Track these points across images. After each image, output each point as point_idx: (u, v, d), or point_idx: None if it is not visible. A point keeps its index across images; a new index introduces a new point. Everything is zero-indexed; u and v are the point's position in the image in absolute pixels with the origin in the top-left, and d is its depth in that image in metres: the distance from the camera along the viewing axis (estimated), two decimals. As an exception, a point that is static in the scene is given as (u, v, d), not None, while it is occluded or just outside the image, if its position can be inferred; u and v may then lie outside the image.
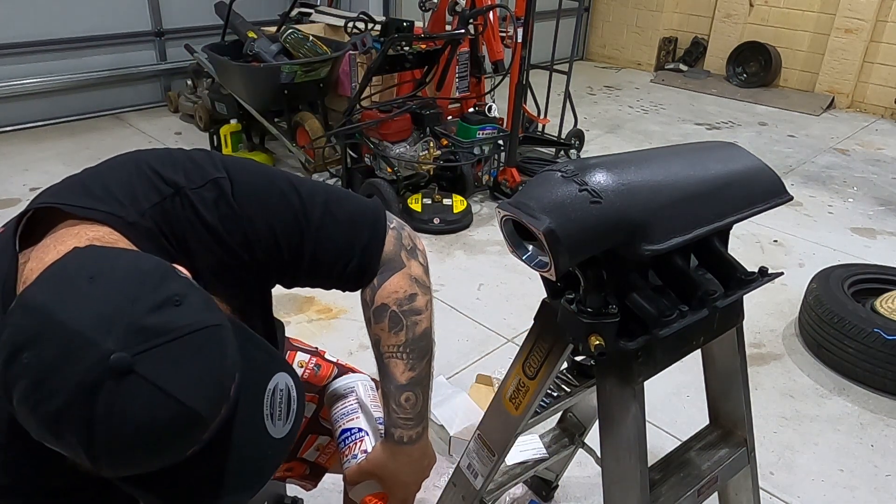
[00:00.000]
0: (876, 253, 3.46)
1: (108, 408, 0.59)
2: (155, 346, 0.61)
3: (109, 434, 0.60)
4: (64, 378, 0.59)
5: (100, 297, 0.63)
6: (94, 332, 0.60)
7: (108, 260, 0.68)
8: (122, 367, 0.59)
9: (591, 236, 0.89)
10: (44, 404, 0.60)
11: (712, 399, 1.34)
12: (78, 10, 4.52)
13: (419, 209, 3.42)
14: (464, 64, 3.94)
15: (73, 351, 0.60)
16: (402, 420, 1.02)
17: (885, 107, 6.01)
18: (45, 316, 0.62)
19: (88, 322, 0.61)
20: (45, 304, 0.62)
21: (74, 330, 0.60)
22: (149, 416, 0.61)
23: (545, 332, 1.12)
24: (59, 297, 0.63)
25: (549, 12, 4.64)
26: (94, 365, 0.59)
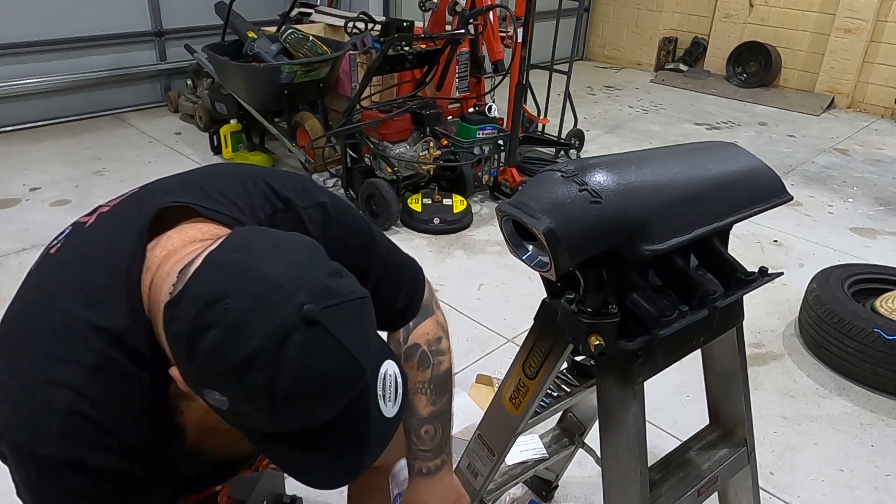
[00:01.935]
0: (876, 253, 3.46)
1: (295, 353, 0.67)
2: (334, 305, 0.69)
3: (292, 377, 0.67)
4: (262, 324, 0.66)
5: (288, 258, 0.72)
6: (290, 285, 0.68)
7: (280, 234, 0.77)
8: (311, 317, 0.67)
9: (591, 236, 0.89)
10: (238, 348, 0.66)
11: (712, 399, 1.34)
12: (78, 10, 4.52)
13: (419, 209, 3.42)
14: (464, 64, 3.94)
15: (271, 300, 0.67)
16: (422, 451, 1.10)
17: (885, 107, 6.01)
18: (242, 270, 0.70)
19: (284, 276, 0.69)
20: (239, 261, 0.70)
21: (274, 281, 0.68)
22: (326, 365, 0.68)
23: (545, 332, 1.12)
24: (252, 255, 0.71)
25: (549, 12, 4.64)
26: (290, 314, 0.67)
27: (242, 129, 4.07)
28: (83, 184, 3.76)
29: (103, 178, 3.85)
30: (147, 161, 4.12)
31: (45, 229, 3.23)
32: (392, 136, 3.48)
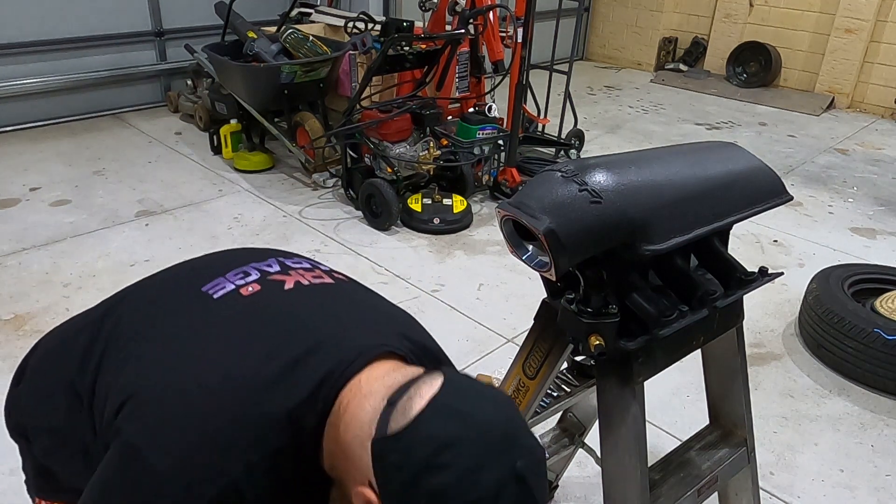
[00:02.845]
0: (876, 253, 3.46)
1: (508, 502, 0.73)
2: (533, 464, 0.76)
3: None
4: (489, 473, 0.73)
5: (498, 408, 0.79)
6: (508, 439, 0.76)
7: (479, 383, 0.82)
8: (522, 474, 0.74)
9: (591, 236, 0.89)
10: (468, 493, 0.72)
11: (712, 399, 1.34)
12: (78, 10, 4.52)
13: (419, 209, 3.42)
14: (464, 64, 3.94)
15: (497, 452, 0.74)
16: None
17: (885, 107, 6.01)
18: (469, 417, 0.76)
19: (504, 427, 0.77)
20: (464, 408, 0.76)
21: (497, 432, 0.75)
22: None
23: (545, 332, 1.12)
24: (472, 403, 0.77)
25: (549, 12, 4.64)
26: (510, 469, 0.74)
27: (242, 129, 4.07)
28: (83, 184, 3.76)
29: (103, 178, 3.85)
30: (147, 161, 4.12)
31: (45, 229, 3.23)
32: (392, 136, 3.48)
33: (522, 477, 0.74)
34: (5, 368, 2.25)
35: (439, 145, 3.55)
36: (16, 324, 2.51)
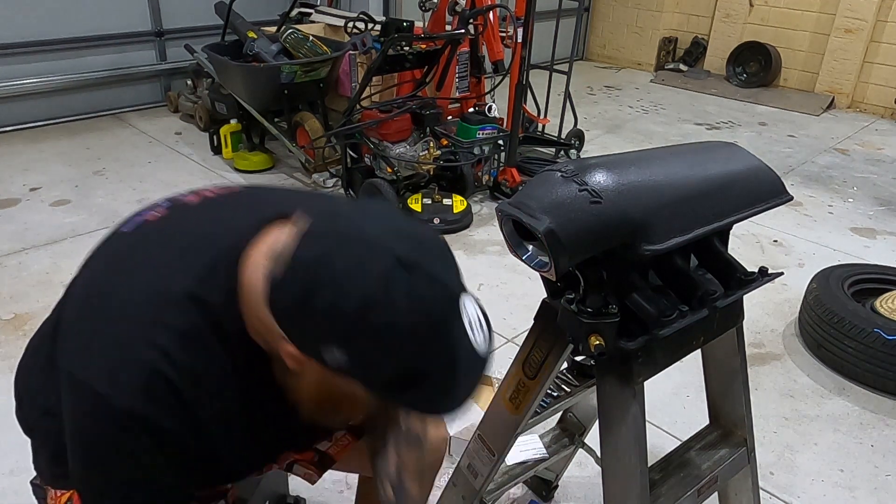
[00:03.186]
0: (876, 253, 3.46)
1: (403, 291, 0.72)
2: (419, 246, 0.76)
3: (406, 311, 0.72)
4: (368, 273, 0.73)
5: (372, 217, 0.79)
6: (379, 238, 0.76)
7: (361, 201, 0.87)
8: (408, 262, 0.73)
9: (591, 236, 0.89)
10: (352, 297, 0.72)
11: (712, 399, 1.34)
12: (78, 10, 4.52)
13: (419, 209, 3.42)
14: (464, 64, 3.94)
15: (372, 252, 0.74)
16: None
17: (885, 107, 6.01)
18: (339, 233, 0.76)
19: (376, 230, 0.77)
20: (333, 226, 0.78)
21: (371, 235, 0.76)
22: (432, 298, 0.75)
23: (545, 332, 1.12)
24: (345, 220, 0.78)
25: (549, 12, 4.64)
26: (390, 260, 0.73)
27: (242, 129, 4.07)
28: (83, 184, 3.76)
29: (103, 178, 3.85)
30: (147, 161, 4.12)
31: (45, 229, 3.23)
32: (392, 136, 3.48)
33: (410, 264, 0.73)
34: (5, 368, 2.25)
35: (439, 145, 3.55)
36: (16, 324, 2.51)
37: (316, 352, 0.76)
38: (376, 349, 0.73)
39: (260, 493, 1.49)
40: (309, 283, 0.73)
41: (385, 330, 0.72)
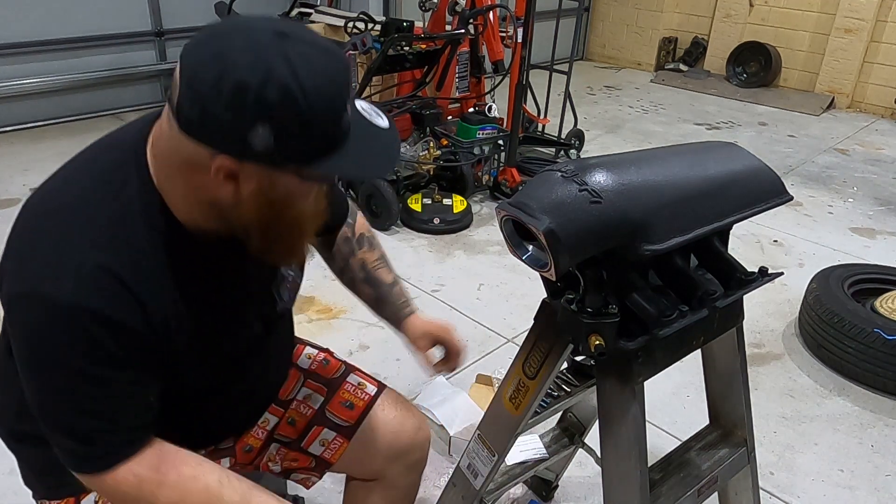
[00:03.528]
0: (876, 253, 3.46)
1: (295, 55, 0.78)
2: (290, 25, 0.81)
3: (304, 70, 0.77)
4: (255, 52, 0.77)
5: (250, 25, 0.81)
6: (260, 23, 0.81)
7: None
8: (285, 31, 0.79)
9: (591, 236, 0.89)
10: (253, 71, 0.76)
11: (712, 399, 1.34)
12: (78, 10, 4.52)
13: (419, 209, 3.42)
14: (464, 64, 3.94)
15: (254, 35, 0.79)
16: (402, 303, 1.31)
17: (885, 107, 6.01)
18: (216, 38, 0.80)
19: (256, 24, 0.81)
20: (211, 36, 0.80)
21: (249, 26, 0.80)
22: (322, 59, 0.80)
23: (545, 332, 1.12)
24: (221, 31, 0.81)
25: (549, 12, 4.64)
26: (272, 36, 0.78)
27: (242, 129, 4.07)
28: (83, 184, 3.76)
29: (103, 178, 3.85)
30: (147, 161, 4.12)
31: (45, 229, 3.23)
32: (392, 136, 3.47)
33: (285, 33, 0.79)
34: (5, 368, 2.25)
35: (439, 145, 3.55)
36: (16, 324, 2.51)
37: (245, 145, 0.78)
38: (291, 115, 0.78)
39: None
40: (208, 80, 0.76)
41: (293, 92, 0.77)
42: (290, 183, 0.85)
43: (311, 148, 0.82)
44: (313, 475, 1.33)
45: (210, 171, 0.82)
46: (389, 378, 2.33)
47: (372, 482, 1.32)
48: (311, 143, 0.81)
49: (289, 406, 1.29)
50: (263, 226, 0.89)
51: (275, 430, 1.28)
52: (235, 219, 0.89)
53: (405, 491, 1.35)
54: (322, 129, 0.81)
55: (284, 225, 0.91)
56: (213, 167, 0.81)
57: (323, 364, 1.35)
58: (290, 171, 0.83)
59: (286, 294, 1.13)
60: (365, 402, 1.29)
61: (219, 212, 0.88)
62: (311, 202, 0.92)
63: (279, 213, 0.88)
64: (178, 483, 0.91)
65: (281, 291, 1.12)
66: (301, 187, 0.87)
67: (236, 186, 0.84)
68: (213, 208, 0.88)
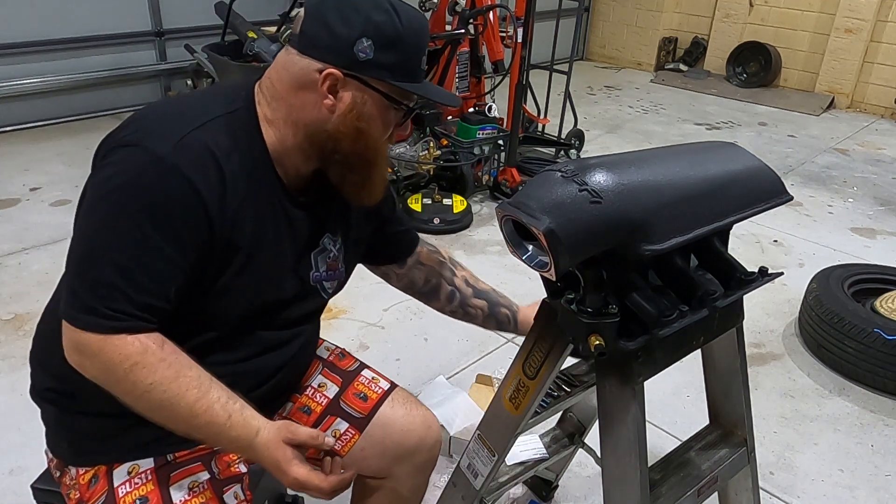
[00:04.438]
0: (876, 253, 3.46)
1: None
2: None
3: (401, 8, 1.01)
4: None
5: None
6: None
7: None
8: None
9: (591, 236, 0.89)
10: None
11: (712, 399, 1.33)
12: (78, 10, 4.52)
13: (419, 209, 3.42)
14: (464, 64, 3.94)
15: None
16: (508, 298, 1.47)
17: (885, 107, 6.01)
18: None
19: None
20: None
21: None
22: (412, 7, 1.04)
23: (545, 332, 1.12)
24: None
25: (549, 12, 4.64)
26: None
27: (242, 129, 4.07)
28: (83, 184, 3.75)
29: (103, 178, 3.85)
30: (147, 161, 4.12)
31: (46, 229, 3.23)
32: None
33: None
34: (5, 368, 2.25)
35: (439, 145, 3.55)
36: (16, 324, 2.51)
37: (351, 55, 0.98)
38: (391, 31, 0.98)
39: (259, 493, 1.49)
40: (331, 5, 0.98)
41: (394, 18, 0.99)
42: (379, 103, 1.03)
43: (400, 67, 1.01)
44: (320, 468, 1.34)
45: (317, 85, 0.99)
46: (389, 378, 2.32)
47: (380, 481, 1.32)
48: (400, 64, 1.00)
49: (303, 392, 1.31)
50: (349, 144, 1.03)
51: (288, 416, 1.30)
52: (325, 138, 1.03)
53: (412, 492, 1.35)
54: (409, 55, 1.01)
55: (366, 147, 1.05)
56: (322, 77, 0.98)
57: (339, 357, 1.39)
58: (382, 87, 1.01)
59: (323, 266, 1.19)
60: (378, 396, 1.32)
61: (311, 135, 1.03)
62: (386, 139, 1.08)
63: (364, 132, 1.03)
64: (176, 363, 0.95)
65: (318, 261, 1.18)
66: (386, 112, 1.04)
67: (335, 100, 1.00)
68: (307, 130, 1.03)
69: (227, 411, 0.96)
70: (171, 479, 1.08)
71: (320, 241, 1.17)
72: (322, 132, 1.02)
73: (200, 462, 1.13)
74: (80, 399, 1.06)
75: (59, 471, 1.14)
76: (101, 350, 0.92)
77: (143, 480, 1.06)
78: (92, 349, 0.92)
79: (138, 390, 0.93)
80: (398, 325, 2.66)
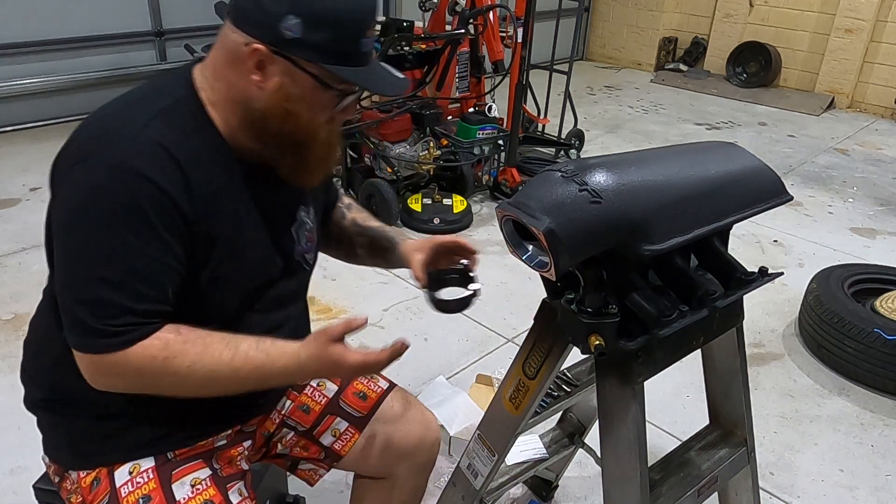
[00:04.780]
0: (876, 253, 3.46)
1: None
2: None
3: None
4: None
5: None
6: None
7: None
8: None
9: (591, 236, 0.89)
10: None
11: (712, 399, 1.34)
12: (78, 10, 4.52)
13: (419, 209, 3.42)
14: (464, 64, 3.94)
15: None
16: (402, 234, 1.38)
17: (885, 107, 6.01)
18: None
19: None
20: None
21: None
22: None
23: (545, 332, 1.12)
24: None
25: (549, 12, 4.64)
26: None
27: (242, 129, 4.06)
28: (83, 184, 3.75)
29: (103, 178, 3.85)
30: (147, 161, 4.12)
31: (45, 229, 3.23)
32: (392, 136, 3.48)
33: None
34: (5, 368, 2.25)
35: (439, 145, 3.55)
36: (16, 324, 2.51)
37: (277, 32, 0.91)
38: (321, 9, 0.91)
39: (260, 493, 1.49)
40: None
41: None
42: (309, 85, 0.95)
43: (332, 50, 0.93)
44: (321, 467, 1.34)
45: (245, 61, 0.93)
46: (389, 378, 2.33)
47: (379, 480, 1.32)
48: (332, 46, 0.93)
49: (302, 390, 1.31)
50: (278, 124, 0.98)
51: (288, 415, 1.29)
52: (257, 117, 0.97)
53: (412, 493, 1.35)
54: (344, 37, 0.94)
55: (296, 128, 0.99)
56: (248, 53, 0.93)
57: None
58: (312, 69, 0.94)
59: (304, 239, 1.17)
60: (378, 395, 1.31)
61: (244, 112, 0.98)
62: (325, 120, 1.01)
63: (293, 114, 0.97)
64: (198, 338, 0.96)
65: (299, 235, 1.16)
66: (318, 94, 0.97)
67: (263, 77, 0.94)
68: (244, 108, 0.97)
69: (262, 352, 0.97)
70: (172, 478, 1.08)
71: (297, 215, 1.16)
72: (254, 110, 0.98)
73: (201, 459, 1.12)
74: (76, 404, 1.06)
75: (59, 476, 1.13)
76: (127, 363, 0.92)
77: (145, 479, 1.06)
78: (117, 368, 0.92)
79: (179, 378, 0.94)
80: (398, 325, 2.66)
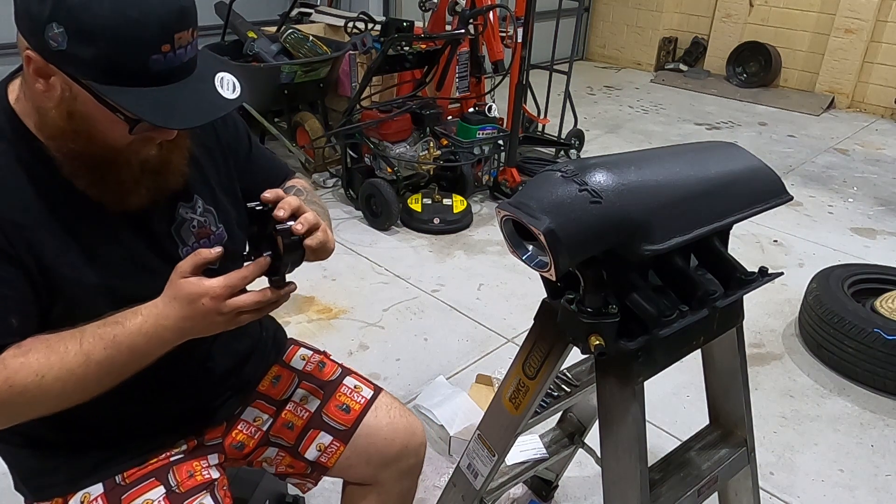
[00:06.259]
0: (876, 253, 3.46)
1: None
2: None
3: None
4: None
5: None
6: None
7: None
8: None
9: (591, 236, 0.89)
10: None
11: (712, 399, 1.34)
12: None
13: (419, 209, 3.42)
14: (464, 64, 3.94)
15: None
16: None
17: (885, 107, 6.01)
18: None
19: None
20: None
21: None
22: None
23: (545, 332, 1.12)
24: None
25: (549, 12, 4.64)
26: None
27: (242, 129, 4.06)
28: (83, 184, 3.75)
29: (103, 178, 3.85)
30: (147, 161, 4.11)
31: (45, 229, 3.23)
32: (392, 136, 3.48)
33: None
34: (5, 368, 2.25)
35: (439, 145, 3.55)
36: None
37: (43, 41, 0.79)
38: (88, 19, 0.77)
39: (259, 494, 1.49)
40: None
41: (97, 6, 0.77)
42: (89, 102, 0.83)
43: (105, 67, 0.79)
44: (309, 481, 1.33)
45: (28, 68, 0.83)
46: (389, 378, 2.33)
47: (367, 486, 1.32)
48: (105, 62, 0.79)
49: (284, 407, 1.28)
50: (70, 143, 0.87)
51: (271, 431, 1.27)
52: (55, 132, 0.87)
53: (400, 496, 1.34)
54: (122, 52, 0.79)
55: (95, 149, 0.88)
56: (25, 59, 0.83)
57: (319, 367, 1.33)
58: (85, 87, 0.82)
59: (191, 239, 1.06)
60: (361, 406, 1.28)
61: (44, 125, 0.87)
62: (126, 138, 0.87)
63: (86, 134, 0.86)
64: (37, 343, 0.88)
65: (183, 235, 1.05)
66: (102, 113, 0.84)
67: (46, 87, 0.84)
68: (41, 118, 0.87)
69: (111, 323, 0.88)
70: (122, 502, 1.04)
71: (175, 214, 1.04)
72: (47, 118, 0.87)
73: (154, 478, 1.07)
74: (11, 440, 1.04)
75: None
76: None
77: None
78: None
79: (32, 391, 0.85)
80: (398, 325, 2.66)
